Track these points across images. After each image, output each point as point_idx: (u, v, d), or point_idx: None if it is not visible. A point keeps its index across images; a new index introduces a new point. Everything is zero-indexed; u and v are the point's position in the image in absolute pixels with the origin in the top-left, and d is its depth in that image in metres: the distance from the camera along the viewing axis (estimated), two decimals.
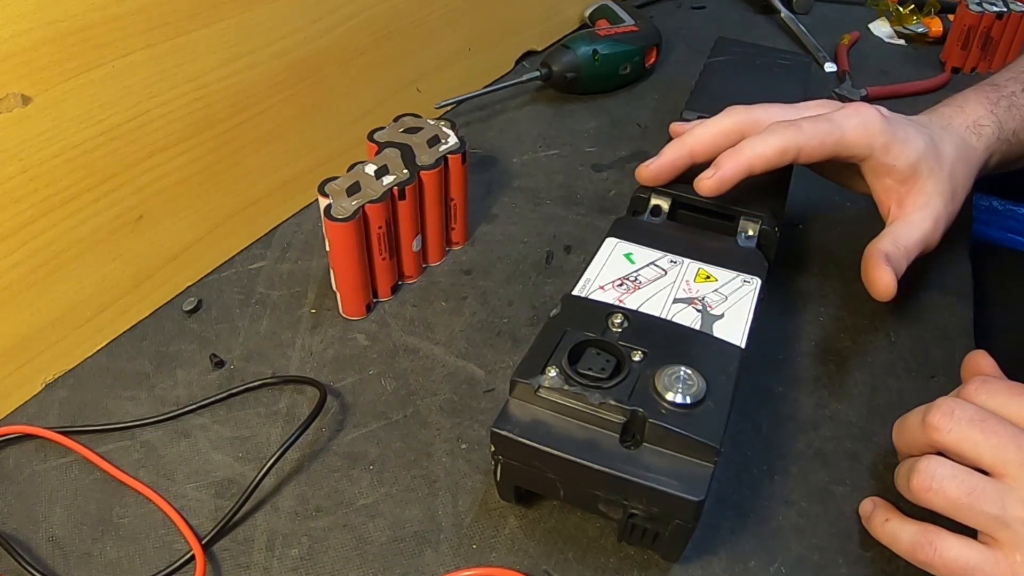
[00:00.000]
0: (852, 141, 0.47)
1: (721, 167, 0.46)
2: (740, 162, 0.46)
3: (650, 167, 0.49)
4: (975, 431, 0.35)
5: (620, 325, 0.39)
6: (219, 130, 0.51)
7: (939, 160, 0.48)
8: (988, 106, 0.52)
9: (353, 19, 0.58)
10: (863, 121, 0.47)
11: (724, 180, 0.46)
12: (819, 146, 0.46)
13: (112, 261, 0.48)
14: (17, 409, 0.46)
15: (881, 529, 0.38)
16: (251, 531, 0.40)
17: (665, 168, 0.48)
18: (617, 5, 0.81)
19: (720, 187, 0.46)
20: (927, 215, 0.48)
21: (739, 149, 0.46)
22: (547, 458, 0.36)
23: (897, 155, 0.47)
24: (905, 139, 0.47)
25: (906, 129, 0.48)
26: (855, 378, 0.48)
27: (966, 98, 0.53)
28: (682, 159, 0.48)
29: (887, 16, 0.88)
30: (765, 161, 0.46)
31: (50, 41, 0.41)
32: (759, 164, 0.46)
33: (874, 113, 0.47)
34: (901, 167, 0.47)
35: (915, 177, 0.48)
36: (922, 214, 0.48)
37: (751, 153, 0.46)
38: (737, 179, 0.46)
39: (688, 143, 0.48)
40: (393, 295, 0.53)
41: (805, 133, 0.46)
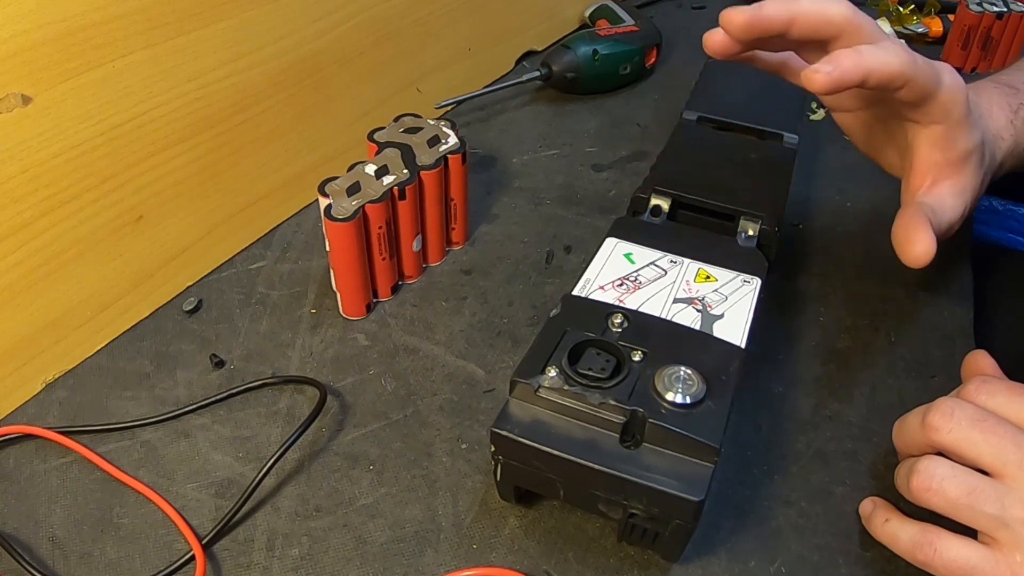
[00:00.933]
0: (944, 98, 0.42)
1: (840, 63, 0.39)
2: (862, 65, 0.39)
3: (741, 11, 0.42)
4: (975, 431, 0.35)
5: (620, 325, 0.39)
6: (219, 130, 0.51)
7: (982, 160, 0.46)
8: (1009, 115, 0.50)
9: (353, 19, 0.58)
10: (955, 83, 0.42)
11: (842, 80, 0.39)
12: (923, 86, 0.41)
13: (112, 261, 0.48)
14: (17, 409, 0.46)
15: (881, 529, 0.38)
16: (251, 531, 0.40)
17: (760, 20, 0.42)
18: (617, 5, 0.81)
19: (837, 85, 0.39)
20: (959, 204, 0.45)
21: (860, 52, 0.39)
22: (547, 458, 0.36)
23: (964, 135, 0.44)
24: (975, 124, 0.44)
25: (976, 115, 0.45)
26: (855, 378, 0.48)
27: (991, 100, 0.50)
28: (781, 19, 0.41)
29: (887, 16, 0.88)
30: (883, 76, 0.40)
31: (50, 41, 0.41)
32: (876, 77, 0.40)
33: (963, 82, 0.43)
34: (960, 149, 0.44)
35: (964, 165, 0.45)
36: (956, 202, 0.45)
37: (874, 60, 0.39)
38: (854, 82, 0.40)
39: (794, 8, 0.41)
40: (393, 295, 0.53)
41: (919, 65, 0.41)
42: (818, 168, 0.63)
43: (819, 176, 0.61)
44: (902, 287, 0.54)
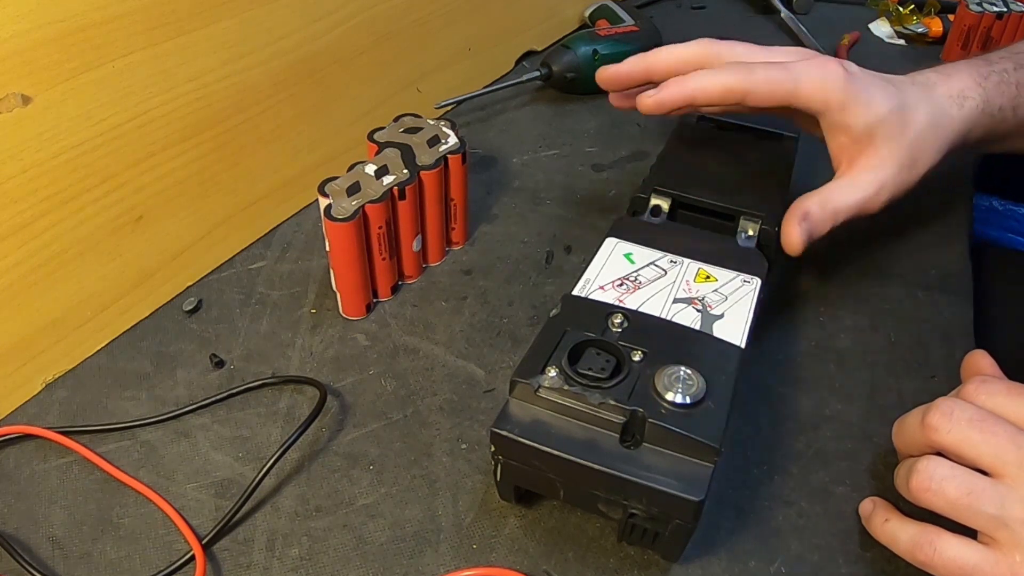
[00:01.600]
0: (807, 95, 0.46)
1: (664, 90, 0.47)
2: (683, 90, 0.46)
3: (608, 69, 0.51)
4: (974, 431, 0.35)
5: (620, 325, 0.39)
6: (219, 130, 0.51)
7: (903, 127, 0.47)
8: (977, 78, 0.51)
9: (353, 19, 0.58)
10: (822, 75, 0.46)
11: (662, 102, 0.47)
12: (768, 93, 0.45)
13: (112, 261, 0.48)
14: (17, 409, 0.46)
15: (881, 529, 0.38)
16: (251, 531, 0.40)
17: (621, 76, 0.50)
18: (617, 5, 0.81)
19: (658, 108, 0.47)
20: (872, 179, 0.47)
21: (687, 77, 0.46)
22: (547, 458, 0.36)
23: (855, 115, 0.46)
24: (867, 100, 0.46)
25: (870, 90, 0.46)
26: (855, 378, 0.48)
27: (956, 67, 0.52)
28: (638, 72, 0.50)
29: (887, 16, 0.88)
30: (707, 96, 0.46)
31: (50, 41, 0.41)
32: (701, 97, 0.46)
33: (836, 69, 0.46)
34: (857, 128, 0.46)
35: (870, 139, 0.47)
36: (867, 177, 0.47)
37: (695, 85, 0.46)
38: (676, 105, 0.47)
39: (648, 59, 0.49)
40: (393, 295, 0.53)
41: (756, 77, 0.45)
42: (818, 168, 0.63)
43: (819, 176, 0.61)
44: (902, 287, 0.54)
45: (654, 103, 0.47)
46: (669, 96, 0.46)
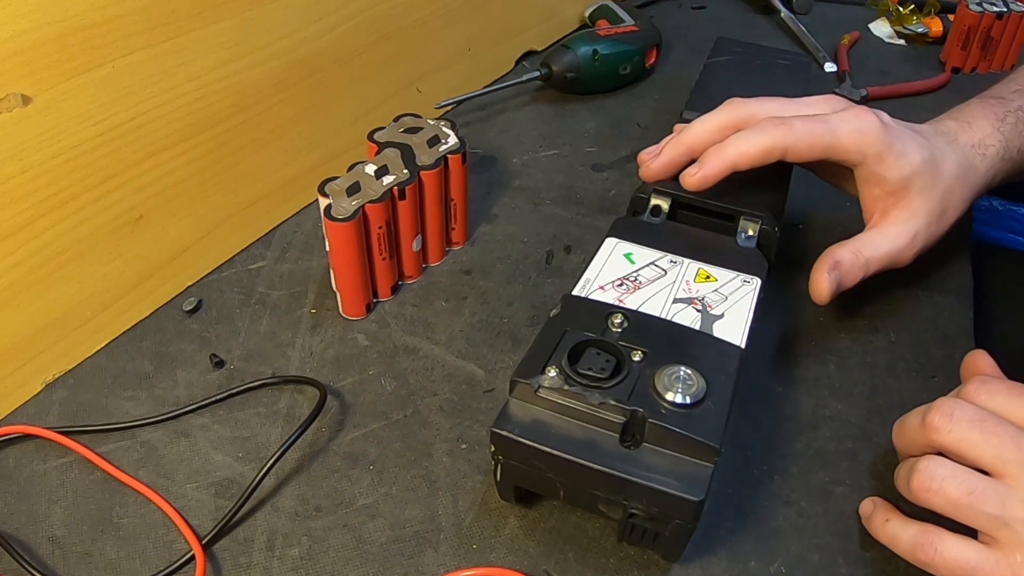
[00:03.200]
0: (844, 146, 0.46)
1: (705, 164, 0.46)
2: (724, 160, 0.46)
3: (650, 167, 0.49)
4: (974, 431, 0.35)
5: (620, 325, 0.39)
6: (219, 130, 0.51)
7: (935, 178, 0.47)
8: (995, 123, 0.51)
9: (353, 19, 0.58)
10: (859, 127, 0.46)
11: (707, 177, 0.46)
12: (807, 148, 0.46)
13: (112, 261, 0.48)
14: (17, 409, 0.46)
15: (881, 529, 0.38)
16: (251, 531, 0.40)
17: (664, 167, 0.49)
18: (617, 5, 0.81)
19: (703, 184, 0.47)
20: (905, 231, 0.47)
21: (724, 146, 0.46)
22: (547, 458, 0.36)
23: (890, 166, 0.46)
24: (902, 151, 0.46)
25: (904, 141, 0.47)
26: (855, 378, 0.48)
27: (973, 113, 0.52)
28: (680, 157, 0.49)
29: (887, 16, 0.88)
30: (749, 159, 0.46)
31: (50, 41, 0.41)
32: (743, 162, 0.46)
33: (873, 120, 0.46)
34: (892, 179, 0.46)
35: (905, 191, 0.47)
36: (900, 228, 0.47)
37: (735, 152, 0.46)
38: (720, 176, 0.46)
39: (686, 141, 0.49)
40: (393, 295, 0.53)
41: (794, 133, 0.45)
42: None
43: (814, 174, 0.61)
44: (902, 287, 0.54)
45: (699, 181, 0.46)
46: (712, 170, 0.46)
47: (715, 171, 0.46)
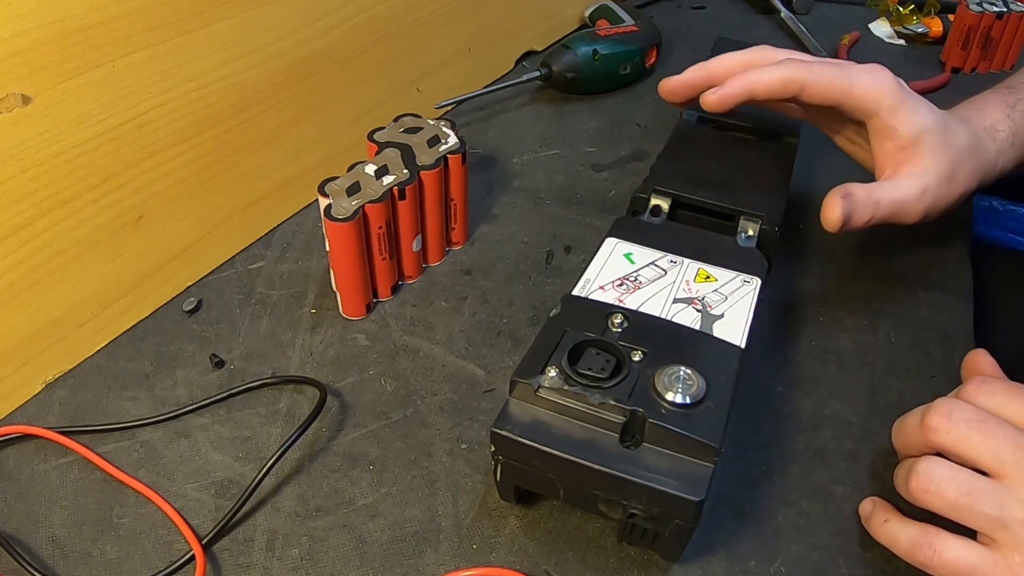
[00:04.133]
0: (860, 93, 0.47)
1: (726, 85, 0.48)
2: (744, 82, 0.47)
3: (670, 81, 0.52)
4: (973, 432, 0.35)
5: (620, 325, 0.39)
6: (219, 130, 0.51)
7: (946, 141, 0.48)
8: (1006, 110, 0.52)
9: (353, 19, 0.58)
10: (875, 79, 0.47)
11: (725, 96, 0.48)
12: (824, 88, 0.47)
13: (112, 261, 0.48)
14: (17, 409, 0.46)
15: (880, 530, 0.38)
16: (251, 531, 0.40)
17: (683, 85, 0.51)
18: (617, 5, 0.81)
19: (722, 103, 0.48)
20: (915, 184, 0.47)
21: (746, 72, 0.48)
22: (547, 458, 0.36)
23: (903, 120, 0.47)
24: (915, 107, 0.47)
25: (917, 101, 0.48)
26: (855, 378, 0.48)
27: (984, 100, 0.53)
28: (700, 79, 0.50)
29: (887, 16, 0.88)
30: (767, 87, 0.47)
31: (50, 41, 0.41)
32: (761, 89, 0.47)
33: (889, 75, 0.47)
34: (904, 132, 0.47)
35: (916, 146, 0.47)
36: (911, 181, 0.47)
37: (756, 77, 0.47)
38: (739, 99, 0.48)
39: (709, 66, 0.50)
40: (393, 295, 0.53)
41: (813, 71, 0.47)
42: (818, 168, 0.63)
43: (819, 176, 0.61)
44: (902, 287, 0.54)
45: (718, 99, 0.48)
46: (731, 90, 0.48)
47: (733, 93, 0.48)
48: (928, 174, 0.47)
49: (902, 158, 0.48)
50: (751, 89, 0.47)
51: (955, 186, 0.49)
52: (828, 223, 0.46)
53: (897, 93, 0.47)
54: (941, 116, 0.48)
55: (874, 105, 0.47)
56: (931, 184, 0.47)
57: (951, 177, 0.48)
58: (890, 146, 0.48)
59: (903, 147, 0.48)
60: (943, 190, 0.48)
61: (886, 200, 0.47)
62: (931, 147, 0.47)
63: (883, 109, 0.47)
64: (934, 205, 0.48)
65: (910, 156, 0.48)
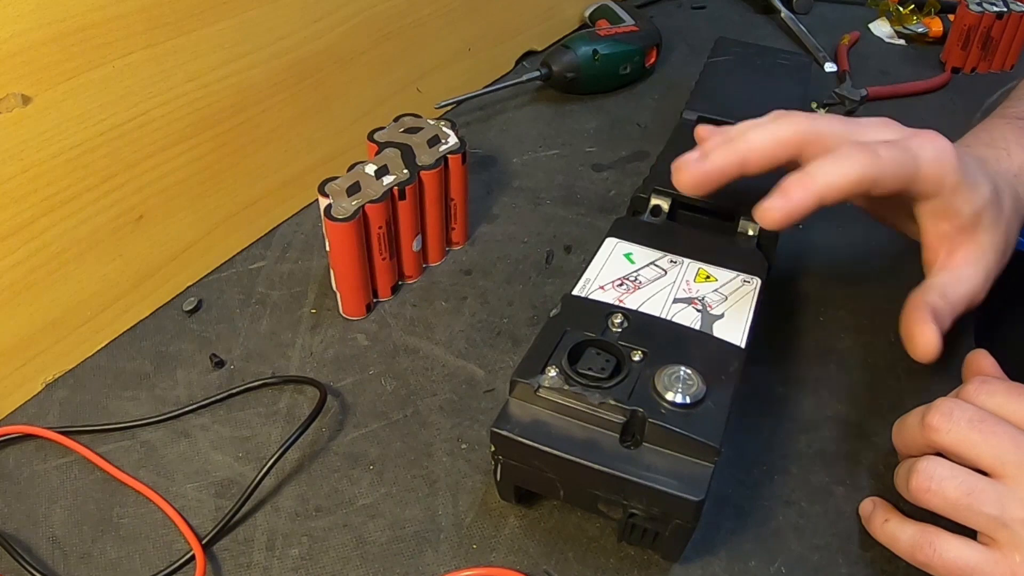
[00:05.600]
0: (927, 176, 0.40)
1: (790, 196, 0.38)
2: (812, 192, 0.38)
3: (692, 172, 0.41)
4: (974, 432, 0.35)
5: (620, 325, 0.39)
6: (219, 130, 0.51)
7: (999, 213, 0.44)
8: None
9: (353, 19, 0.58)
10: (938, 155, 0.40)
11: (793, 213, 0.38)
12: (894, 178, 0.40)
13: (112, 261, 0.48)
14: (17, 409, 0.46)
15: (881, 529, 0.38)
16: (251, 531, 0.40)
17: (713, 176, 0.41)
18: (617, 5, 0.81)
19: (789, 220, 0.38)
20: (979, 270, 0.44)
21: (810, 176, 0.38)
22: (547, 458, 0.36)
23: (966, 199, 0.42)
24: (975, 183, 0.42)
25: (975, 172, 0.42)
26: (855, 378, 0.48)
27: (1006, 140, 0.49)
28: (732, 168, 0.41)
29: (887, 16, 0.88)
30: (840, 192, 0.38)
31: (50, 41, 0.41)
32: (833, 195, 0.38)
33: (949, 147, 0.41)
34: (966, 214, 0.42)
35: (976, 227, 0.43)
36: (974, 269, 0.44)
37: (824, 182, 0.38)
38: (810, 209, 0.38)
39: (741, 150, 0.41)
40: (393, 295, 0.53)
41: (883, 161, 0.39)
42: None
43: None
44: (902, 287, 0.54)
45: (784, 216, 0.38)
46: (800, 203, 0.38)
47: (803, 205, 0.38)
48: (988, 255, 0.44)
49: (959, 241, 0.43)
50: (820, 198, 0.38)
51: (1007, 256, 0.46)
52: (926, 355, 0.42)
53: (959, 168, 0.41)
54: (992, 181, 0.43)
55: (937, 187, 0.41)
56: (992, 264, 0.44)
57: (1005, 250, 0.45)
58: (946, 228, 0.43)
59: (963, 229, 0.43)
60: (1000, 265, 0.45)
61: (960, 300, 0.43)
62: (988, 224, 0.43)
63: (946, 189, 0.41)
64: (992, 282, 0.45)
65: (969, 238, 0.43)
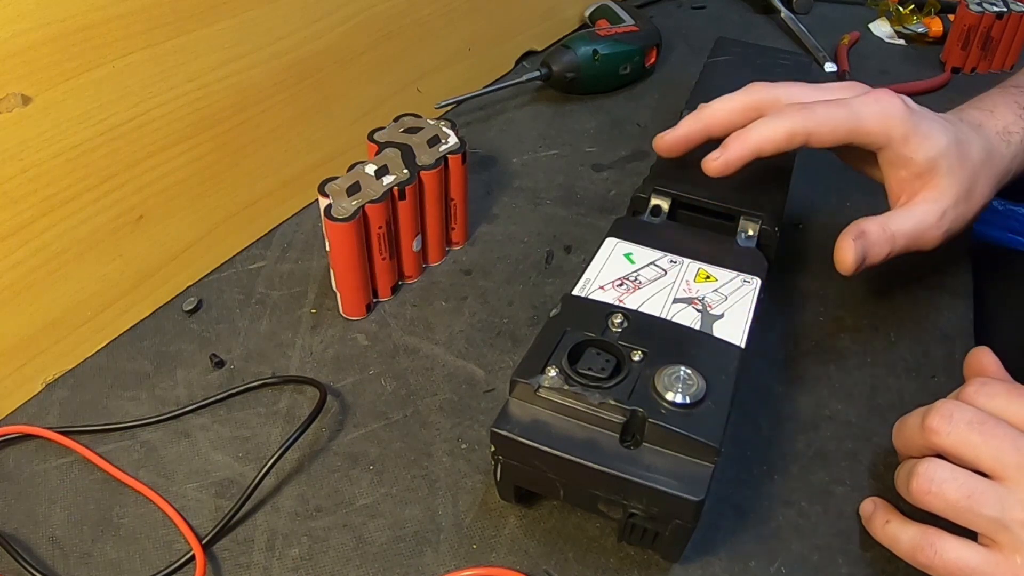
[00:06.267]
0: (869, 129, 0.45)
1: (728, 149, 0.46)
2: (747, 145, 0.45)
3: (665, 138, 0.49)
4: (974, 434, 0.35)
5: (620, 325, 0.39)
6: (219, 130, 0.51)
7: (962, 160, 0.46)
8: (1018, 111, 0.51)
9: (353, 19, 0.58)
10: (882, 109, 0.45)
11: (729, 163, 0.46)
12: (831, 132, 0.45)
13: (112, 261, 0.48)
14: (17, 409, 0.46)
15: (881, 530, 0.38)
16: (251, 531, 0.40)
17: (680, 140, 0.49)
18: (617, 5, 0.81)
19: (725, 169, 0.46)
20: (932, 210, 0.46)
21: (747, 131, 0.46)
22: (547, 458, 0.36)
23: (916, 147, 0.45)
24: (927, 132, 0.45)
25: (930, 123, 0.46)
26: (855, 378, 0.48)
27: (994, 102, 0.51)
28: (697, 133, 0.48)
29: (887, 16, 0.88)
30: (773, 144, 0.45)
31: (50, 41, 0.41)
32: (767, 147, 0.45)
33: (896, 102, 0.45)
34: (919, 160, 0.45)
35: (932, 173, 0.46)
36: (926, 207, 0.46)
37: (758, 136, 0.45)
38: (743, 162, 0.46)
39: (704, 117, 0.48)
40: (393, 295, 0.53)
41: (817, 117, 0.45)
42: (818, 168, 0.63)
43: (819, 176, 0.61)
44: (902, 287, 0.54)
45: (721, 165, 0.46)
46: (735, 154, 0.45)
47: (737, 156, 0.45)
48: (945, 196, 0.46)
49: (918, 185, 0.46)
50: (756, 149, 0.45)
51: (973, 202, 0.47)
52: (842, 267, 0.45)
53: (907, 120, 0.45)
54: (954, 132, 0.46)
55: (885, 138, 0.45)
56: (949, 206, 0.46)
57: (968, 195, 0.47)
58: (904, 174, 0.46)
59: (919, 174, 0.46)
60: (961, 209, 0.47)
61: (903, 231, 0.46)
62: (947, 169, 0.46)
63: (895, 140, 0.45)
64: (953, 226, 0.47)
65: (926, 182, 0.46)
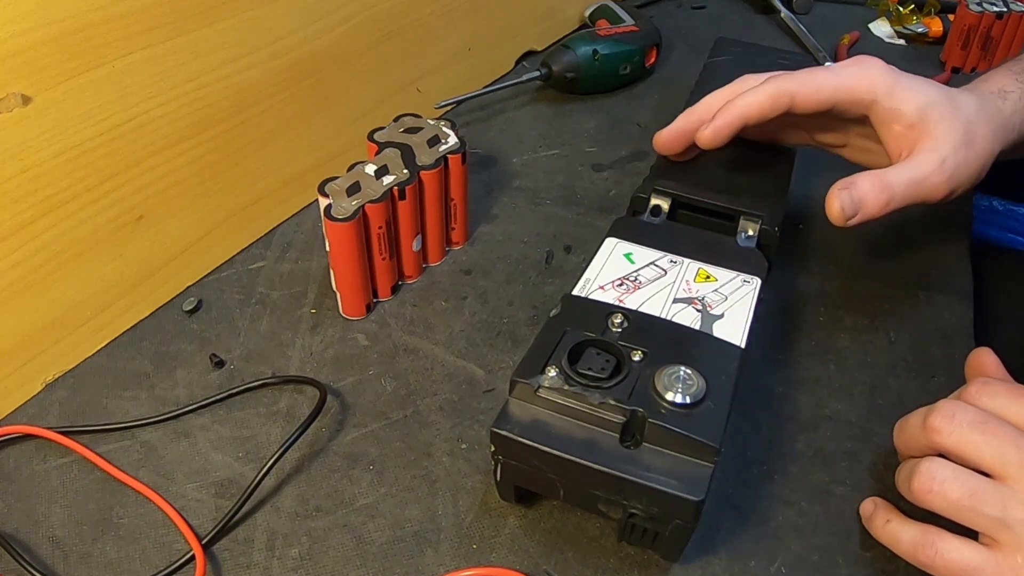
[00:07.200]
0: (852, 85, 0.46)
1: (716, 118, 0.47)
2: (733, 112, 0.47)
3: (662, 135, 0.51)
4: (975, 434, 0.35)
5: (620, 325, 0.39)
6: (219, 130, 0.51)
7: (955, 110, 0.46)
8: (1012, 76, 0.51)
9: (353, 19, 0.58)
10: (863, 67, 0.46)
11: (718, 129, 0.47)
12: (815, 92, 0.46)
13: (112, 261, 0.48)
14: (17, 409, 0.46)
15: (882, 530, 0.38)
16: (251, 531, 0.40)
17: (676, 135, 0.50)
18: (617, 5, 0.81)
19: (715, 137, 0.47)
20: (931, 158, 0.45)
21: (732, 103, 0.47)
22: (547, 458, 0.36)
23: (903, 98, 0.46)
24: (911, 85, 0.46)
25: (913, 79, 0.47)
26: (855, 378, 0.48)
27: (989, 73, 0.52)
28: (692, 125, 0.49)
29: (887, 16, 0.88)
30: (759, 107, 0.46)
31: (50, 41, 0.41)
32: (753, 111, 0.46)
33: (877, 60, 0.47)
34: (908, 111, 0.45)
35: (924, 121, 0.45)
36: (925, 156, 0.45)
37: (743, 102, 0.47)
38: (732, 129, 0.47)
39: (697, 110, 0.50)
40: (393, 295, 0.53)
41: (799, 79, 0.46)
42: (818, 168, 0.63)
43: (819, 176, 0.61)
44: (902, 287, 0.54)
45: (711, 133, 0.47)
46: (722, 122, 0.47)
47: (725, 123, 0.47)
48: (943, 144, 0.45)
49: (913, 137, 0.46)
50: (742, 115, 0.47)
51: (975, 150, 0.46)
52: (831, 217, 0.45)
53: (889, 75, 0.46)
54: (942, 89, 0.47)
55: (870, 93, 0.46)
56: (948, 153, 0.45)
57: (968, 142, 0.46)
58: (897, 128, 0.46)
59: (911, 126, 0.46)
60: (962, 156, 0.45)
61: (902, 181, 0.45)
62: (940, 118, 0.45)
63: (880, 94, 0.46)
64: (956, 174, 0.45)
65: (921, 133, 0.46)
